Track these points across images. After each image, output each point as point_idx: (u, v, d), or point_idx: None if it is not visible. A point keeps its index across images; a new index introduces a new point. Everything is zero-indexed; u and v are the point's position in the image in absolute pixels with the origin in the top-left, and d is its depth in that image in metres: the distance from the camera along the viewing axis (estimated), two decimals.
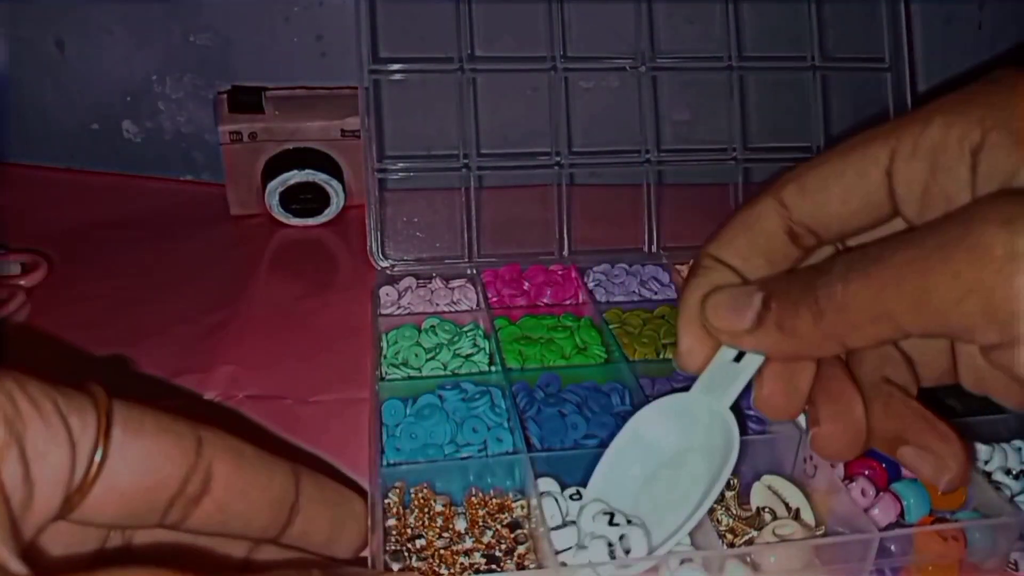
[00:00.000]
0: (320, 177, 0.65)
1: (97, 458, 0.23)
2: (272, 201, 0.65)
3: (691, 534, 0.35)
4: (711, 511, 0.37)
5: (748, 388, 0.30)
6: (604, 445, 0.39)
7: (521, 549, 0.34)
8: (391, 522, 0.36)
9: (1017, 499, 0.37)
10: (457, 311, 0.51)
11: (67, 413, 0.23)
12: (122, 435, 0.24)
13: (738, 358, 0.30)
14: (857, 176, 0.28)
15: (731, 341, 0.29)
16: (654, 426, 0.33)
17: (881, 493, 0.36)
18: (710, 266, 0.30)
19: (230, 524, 0.27)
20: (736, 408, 0.31)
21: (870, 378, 0.30)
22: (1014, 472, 0.39)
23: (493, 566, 0.34)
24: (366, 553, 0.32)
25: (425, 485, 0.37)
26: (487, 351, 0.47)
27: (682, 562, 0.33)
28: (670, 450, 0.32)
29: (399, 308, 0.52)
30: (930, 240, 0.23)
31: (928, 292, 0.23)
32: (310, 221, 0.66)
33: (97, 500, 0.23)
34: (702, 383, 0.31)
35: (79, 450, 0.23)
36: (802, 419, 0.41)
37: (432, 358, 0.46)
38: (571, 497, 0.36)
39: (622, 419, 0.41)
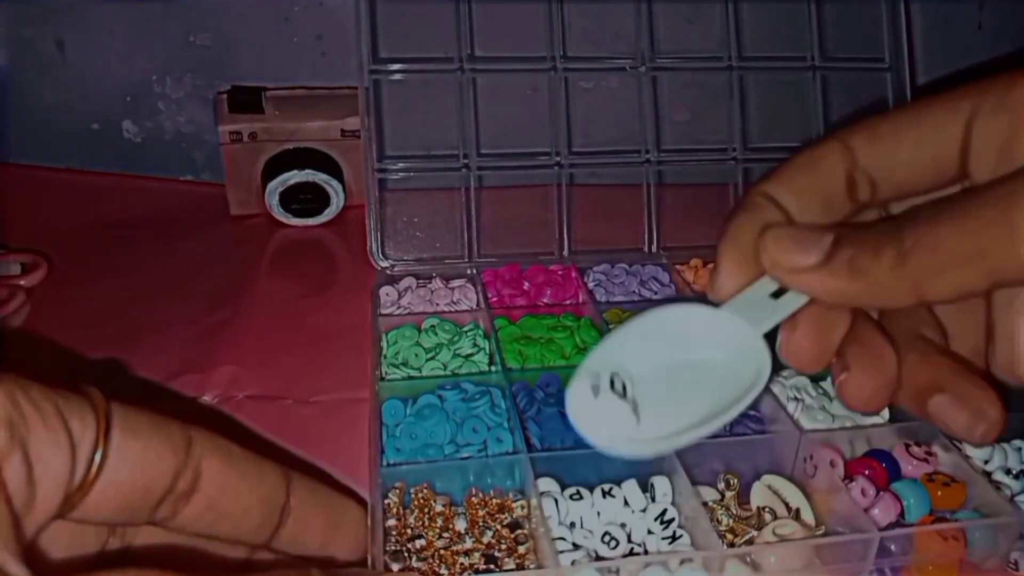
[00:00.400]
0: (320, 177, 0.65)
1: (97, 458, 0.24)
2: (272, 201, 0.65)
3: (691, 534, 0.35)
4: (711, 511, 0.37)
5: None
6: None
7: (521, 549, 0.34)
8: (391, 522, 0.36)
9: (1017, 499, 0.37)
10: (457, 311, 0.51)
11: (68, 416, 0.23)
12: (120, 436, 0.24)
13: (776, 295, 0.27)
14: (933, 127, 0.27)
15: (788, 277, 0.27)
16: (687, 322, 0.29)
17: (881, 493, 0.36)
18: (762, 204, 0.28)
19: (220, 524, 0.27)
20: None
21: (905, 334, 0.29)
22: (1014, 472, 0.39)
23: (493, 566, 0.34)
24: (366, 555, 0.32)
25: (425, 485, 0.37)
26: (487, 351, 0.47)
27: (682, 562, 0.33)
28: (693, 353, 0.29)
29: (399, 308, 0.52)
30: None
31: None
32: (310, 221, 0.66)
33: (96, 498, 0.24)
34: (733, 306, 0.28)
35: (79, 452, 0.23)
36: (802, 419, 0.41)
37: (432, 358, 0.46)
38: (571, 497, 0.36)
39: None
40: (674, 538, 0.35)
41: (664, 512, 0.36)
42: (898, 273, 0.24)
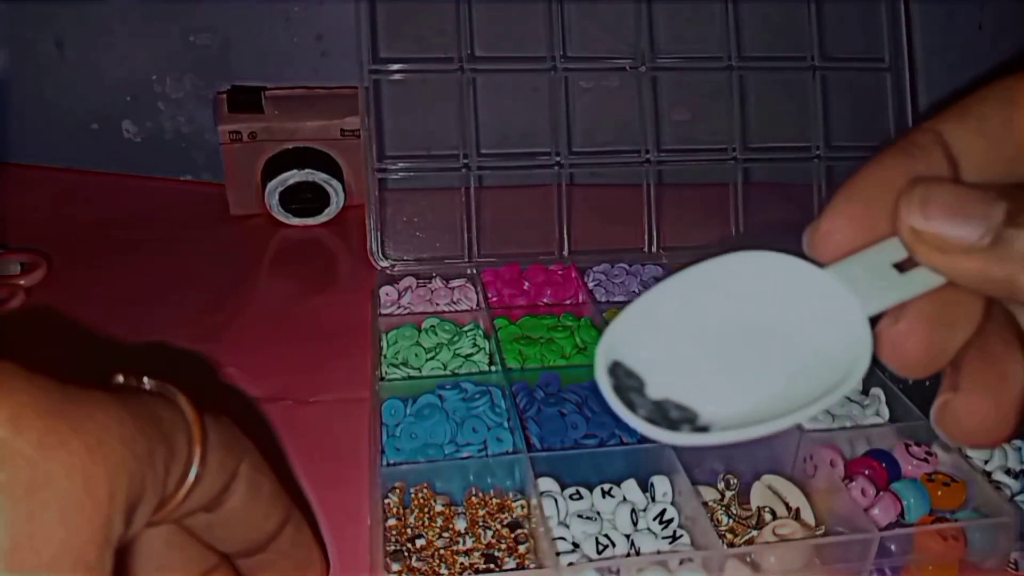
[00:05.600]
0: (320, 177, 0.65)
1: (192, 477, 0.22)
2: (272, 201, 0.65)
3: (691, 534, 0.35)
4: (711, 511, 0.37)
5: None
6: (604, 445, 0.40)
7: (521, 549, 0.34)
8: (391, 522, 0.36)
9: (1017, 499, 0.37)
10: (457, 311, 0.51)
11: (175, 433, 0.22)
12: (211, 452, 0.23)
13: (902, 267, 0.21)
14: None
15: (932, 255, 0.20)
16: (766, 275, 0.22)
17: (881, 493, 0.36)
18: (925, 146, 0.21)
19: (209, 535, 0.26)
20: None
21: None
22: (1014, 472, 0.39)
23: (493, 566, 0.34)
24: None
25: (425, 485, 0.37)
26: (487, 351, 0.47)
27: (682, 562, 0.33)
28: (775, 319, 0.22)
29: (399, 308, 0.52)
30: None
31: None
32: (310, 221, 0.66)
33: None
34: (840, 269, 0.21)
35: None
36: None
37: (432, 358, 0.46)
38: (571, 497, 0.36)
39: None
40: (674, 538, 0.35)
41: (664, 512, 0.36)
42: None
